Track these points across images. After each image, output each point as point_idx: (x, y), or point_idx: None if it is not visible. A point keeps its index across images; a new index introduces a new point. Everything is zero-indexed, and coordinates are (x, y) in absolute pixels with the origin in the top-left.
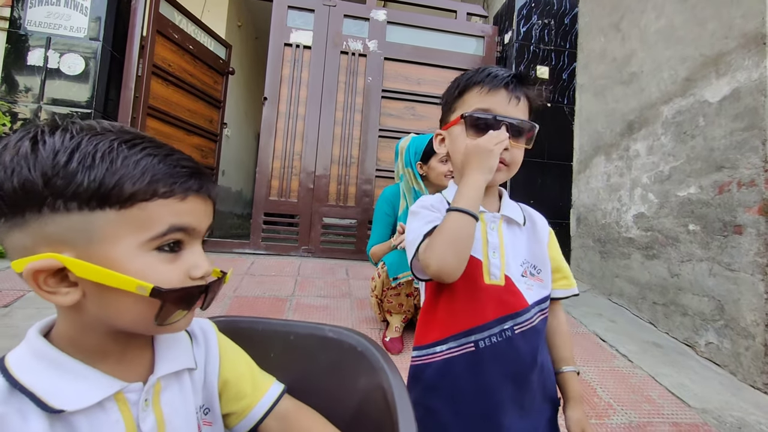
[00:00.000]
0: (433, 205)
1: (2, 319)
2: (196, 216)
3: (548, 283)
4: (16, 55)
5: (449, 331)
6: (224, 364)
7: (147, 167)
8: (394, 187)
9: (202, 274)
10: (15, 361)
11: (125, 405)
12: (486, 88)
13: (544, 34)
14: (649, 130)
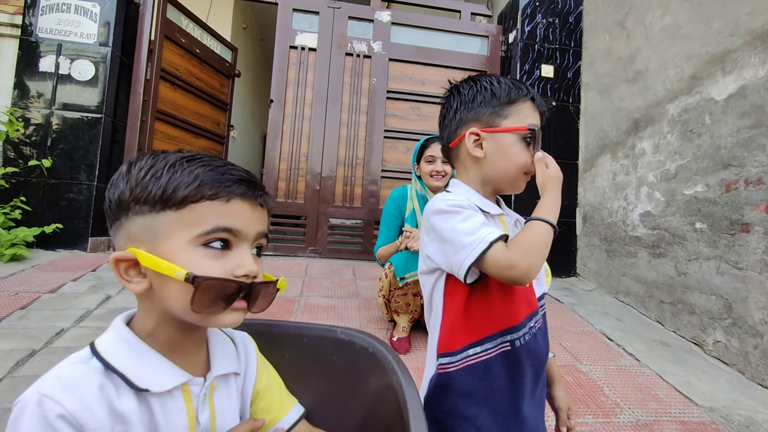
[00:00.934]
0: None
1: (20, 320)
2: (242, 219)
3: (543, 280)
4: (27, 62)
5: (484, 333)
6: (259, 376)
7: (198, 175)
8: (401, 189)
9: (245, 273)
10: (104, 347)
11: (189, 396)
12: (536, 106)
13: (548, 32)
14: (655, 129)
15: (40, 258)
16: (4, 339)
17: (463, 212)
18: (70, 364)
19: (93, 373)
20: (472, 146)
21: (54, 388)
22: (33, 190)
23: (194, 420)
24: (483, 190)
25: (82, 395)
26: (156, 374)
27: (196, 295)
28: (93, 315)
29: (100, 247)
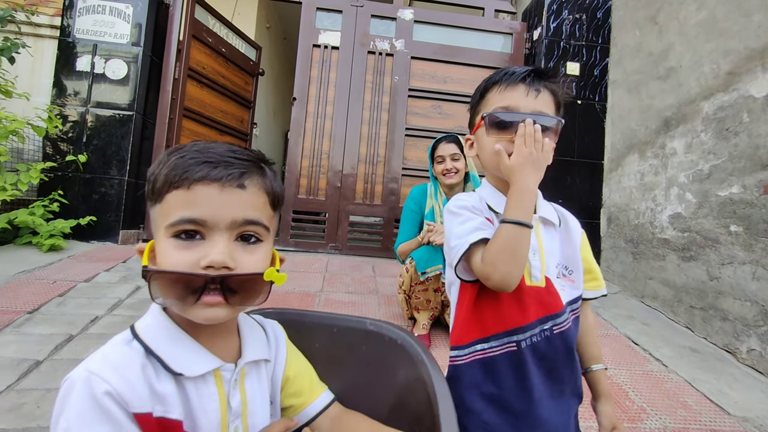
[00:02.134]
0: (474, 206)
1: (58, 307)
2: (207, 206)
3: (580, 284)
4: (65, 62)
5: (491, 331)
6: (289, 362)
7: (171, 165)
8: (421, 186)
9: (207, 264)
10: (143, 330)
11: (220, 381)
12: (504, 86)
13: (575, 29)
14: (687, 127)
15: (75, 249)
16: (45, 324)
17: (463, 215)
18: (114, 345)
19: (135, 355)
20: (468, 149)
21: (101, 367)
22: (69, 184)
23: (226, 404)
24: (500, 187)
25: (127, 374)
26: (190, 359)
27: (150, 286)
28: (124, 304)
29: (130, 239)
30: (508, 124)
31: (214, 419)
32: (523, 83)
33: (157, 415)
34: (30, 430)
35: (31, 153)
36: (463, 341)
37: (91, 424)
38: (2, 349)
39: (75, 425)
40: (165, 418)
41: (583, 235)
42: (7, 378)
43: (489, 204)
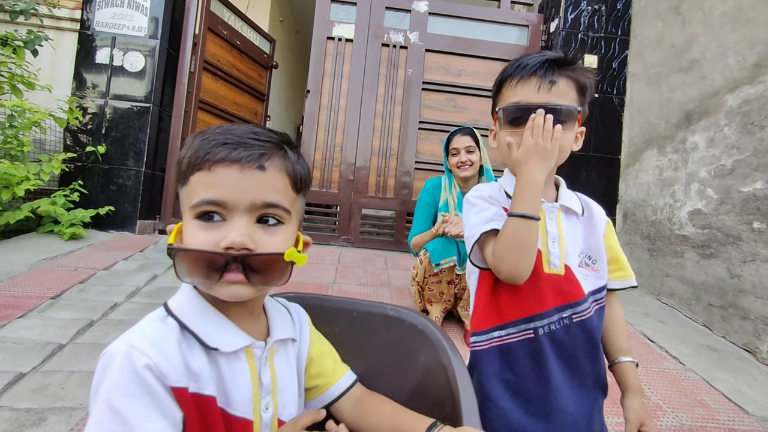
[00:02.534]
0: (491, 196)
1: (79, 293)
2: (226, 187)
3: (604, 273)
4: (85, 54)
5: (508, 318)
6: (313, 343)
7: (192, 147)
8: (435, 179)
9: (227, 245)
10: (177, 307)
11: (251, 358)
12: (515, 80)
13: (593, 20)
14: (710, 121)
15: (95, 238)
16: (67, 309)
17: (479, 205)
18: (150, 321)
19: (171, 331)
20: (491, 140)
21: (140, 341)
22: (89, 175)
23: (257, 380)
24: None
25: (165, 349)
26: (223, 335)
27: (175, 264)
28: (142, 292)
29: (146, 229)
30: (520, 119)
31: (246, 395)
32: (536, 76)
33: (192, 391)
34: (55, 410)
35: (52, 144)
36: (482, 327)
37: (132, 395)
38: (28, 332)
39: (115, 396)
40: (199, 394)
41: (608, 224)
42: (32, 360)
43: (507, 192)
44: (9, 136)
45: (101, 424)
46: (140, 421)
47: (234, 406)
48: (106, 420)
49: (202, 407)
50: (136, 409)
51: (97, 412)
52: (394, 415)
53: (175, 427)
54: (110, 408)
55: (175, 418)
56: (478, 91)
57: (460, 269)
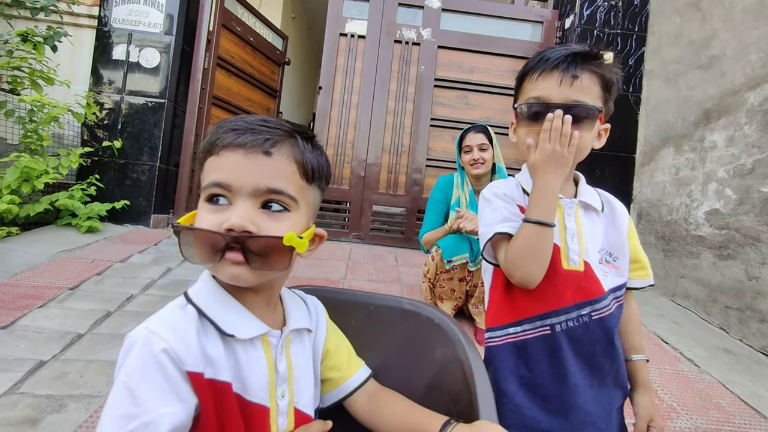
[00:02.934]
0: (506, 193)
1: (96, 285)
2: (232, 171)
3: (624, 271)
4: (102, 51)
5: (524, 314)
6: (329, 336)
7: (210, 136)
8: (448, 176)
9: (228, 227)
10: (196, 295)
11: (268, 346)
12: (537, 74)
13: (609, 16)
14: (729, 119)
15: (110, 231)
16: (85, 300)
17: (494, 203)
18: (170, 309)
19: (190, 318)
20: (511, 134)
21: (160, 326)
22: (105, 169)
23: (273, 368)
24: None
25: (183, 335)
26: (240, 322)
27: (179, 243)
28: (157, 284)
29: (160, 223)
30: (539, 116)
31: (262, 382)
32: (558, 69)
33: (207, 377)
34: (74, 398)
35: (70, 138)
36: (497, 323)
37: (148, 378)
38: (48, 321)
39: (133, 377)
40: (215, 380)
41: (630, 223)
42: (53, 348)
43: (524, 188)
44: (29, 131)
45: (118, 404)
46: (153, 404)
47: (251, 393)
48: (123, 400)
49: (218, 393)
50: (150, 392)
51: (115, 392)
52: (408, 411)
53: (188, 412)
54: (127, 389)
55: (189, 403)
56: (490, 88)
57: (472, 266)
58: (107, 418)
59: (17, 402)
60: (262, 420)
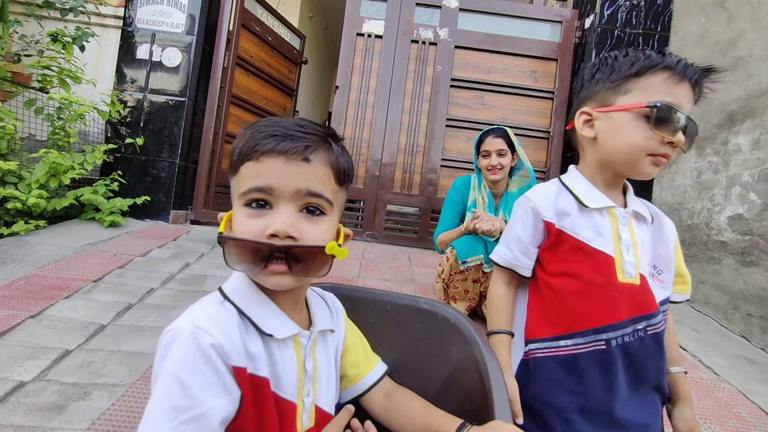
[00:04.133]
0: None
1: (118, 278)
2: (273, 176)
3: (669, 285)
4: (127, 50)
5: (576, 327)
6: (347, 333)
7: (244, 138)
8: (465, 177)
9: (271, 233)
10: (233, 293)
11: (298, 346)
12: (676, 78)
13: (631, 16)
14: (755, 122)
15: (131, 226)
16: (107, 292)
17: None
18: (210, 304)
19: (230, 314)
20: (581, 126)
21: (205, 321)
22: (127, 166)
23: (302, 367)
24: (601, 175)
25: (227, 330)
26: (275, 323)
27: (224, 252)
28: (176, 279)
29: (179, 219)
30: (665, 123)
31: (293, 380)
32: (687, 80)
33: (249, 372)
34: (98, 386)
35: (95, 135)
36: (542, 334)
37: (198, 371)
38: (73, 312)
39: (183, 370)
40: (256, 375)
41: (676, 237)
42: (77, 338)
43: (576, 194)
44: (57, 128)
45: (169, 395)
46: (205, 397)
47: (283, 389)
48: (174, 392)
49: (257, 388)
50: (201, 385)
51: (163, 384)
52: (423, 411)
53: (234, 404)
54: (178, 380)
55: (235, 396)
56: (507, 88)
57: (487, 267)
58: (158, 410)
59: (45, 389)
60: (291, 416)
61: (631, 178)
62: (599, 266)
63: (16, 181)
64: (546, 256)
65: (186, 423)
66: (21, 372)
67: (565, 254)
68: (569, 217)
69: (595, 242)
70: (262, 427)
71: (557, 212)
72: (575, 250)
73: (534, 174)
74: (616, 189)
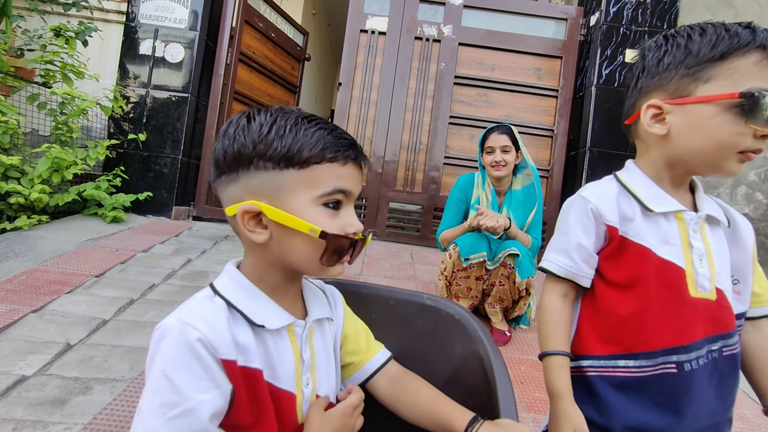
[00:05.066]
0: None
1: (120, 273)
2: (353, 181)
3: (746, 297)
4: (130, 45)
5: (641, 347)
6: (347, 321)
7: (320, 137)
8: (469, 175)
9: (355, 231)
10: (223, 287)
11: (293, 336)
12: (764, 57)
13: (637, 14)
14: None
15: (134, 221)
16: (109, 287)
17: (567, 223)
18: (199, 300)
19: (219, 309)
20: (649, 122)
21: (192, 317)
22: (130, 161)
23: (299, 357)
24: (669, 174)
25: (215, 324)
26: (267, 314)
27: (328, 250)
28: (177, 275)
29: (181, 215)
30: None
31: (290, 370)
32: None
33: (240, 364)
34: (99, 381)
35: (97, 131)
36: (596, 351)
37: (185, 366)
38: (75, 306)
39: (170, 366)
40: (247, 367)
41: (754, 241)
42: (79, 333)
43: (636, 194)
44: (60, 123)
45: (157, 393)
46: (192, 392)
47: (281, 380)
48: (162, 389)
49: (250, 379)
50: (189, 380)
51: (153, 381)
52: (432, 400)
53: (225, 398)
54: (165, 377)
55: (225, 390)
56: (511, 86)
57: (490, 264)
58: (148, 407)
59: (46, 383)
60: (290, 406)
61: (703, 176)
62: (668, 279)
63: (18, 176)
64: (605, 265)
65: (174, 419)
66: (23, 366)
67: (628, 263)
68: (632, 222)
69: (661, 251)
70: (259, 419)
71: (621, 215)
72: (640, 259)
73: (538, 173)
74: (682, 187)
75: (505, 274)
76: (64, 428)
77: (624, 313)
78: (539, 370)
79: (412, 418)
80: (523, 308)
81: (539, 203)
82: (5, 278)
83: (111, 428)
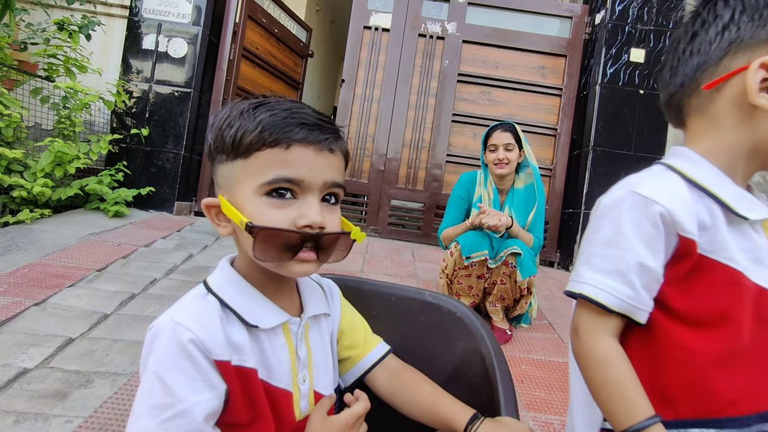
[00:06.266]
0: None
1: (122, 268)
2: (304, 167)
3: None
4: (133, 40)
5: (728, 410)
6: (344, 315)
7: (261, 121)
8: (471, 173)
9: (306, 224)
10: (215, 285)
11: (288, 333)
12: None
13: (643, 12)
14: None
15: (136, 216)
16: (111, 282)
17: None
18: (192, 299)
19: (212, 308)
20: (756, 88)
21: (184, 317)
22: (132, 156)
23: (295, 354)
24: (745, 167)
25: (207, 324)
26: (262, 312)
27: (256, 243)
28: (179, 269)
29: (183, 211)
30: None
31: (286, 368)
32: None
33: (234, 364)
34: (100, 374)
35: (100, 125)
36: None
37: (178, 368)
38: (76, 300)
39: (163, 367)
40: (242, 367)
41: None
42: (81, 326)
43: (712, 191)
44: (63, 117)
45: (151, 394)
46: (186, 393)
47: (276, 378)
48: (155, 390)
49: (245, 379)
50: (182, 382)
51: (147, 383)
52: (432, 396)
53: (219, 398)
54: (159, 379)
55: (220, 390)
56: (515, 84)
57: (492, 263)
58: (142, 408)
59: (48, 376)
60: (287, 404)
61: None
62: (766, 314)
63: (21, 169)
64: (671, 292)
65: (168, 420)
66: (24, 359)
67: (709, 292)
68: (708, 232)
69: (755, 275)
70: (255, 417)
71: (699, 223)
72: (728, 287)
73: (538, 172)
74: (744, 185)
75: (506, 273)
76: (65, 421)
77: (703, 363)
78: (539, 369)
79: (412, 413)
80: (524, 307)
81: (540, 202)
82: (7, 271)
83: (111, 421)
